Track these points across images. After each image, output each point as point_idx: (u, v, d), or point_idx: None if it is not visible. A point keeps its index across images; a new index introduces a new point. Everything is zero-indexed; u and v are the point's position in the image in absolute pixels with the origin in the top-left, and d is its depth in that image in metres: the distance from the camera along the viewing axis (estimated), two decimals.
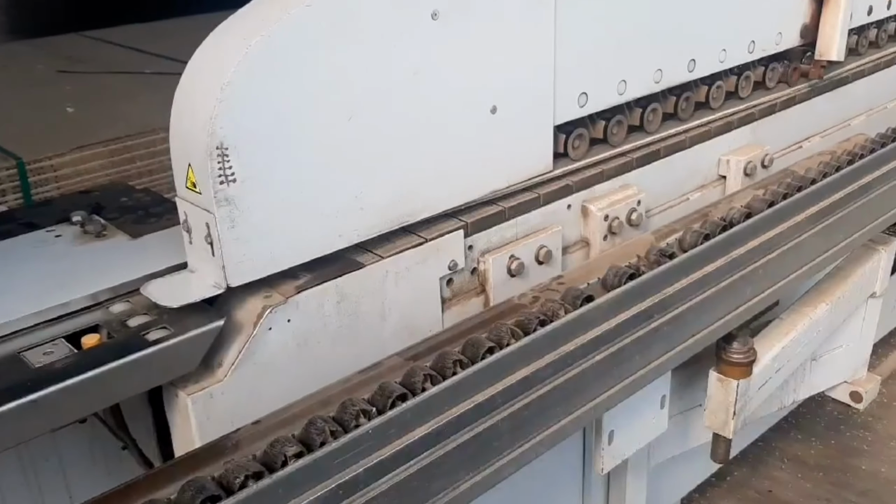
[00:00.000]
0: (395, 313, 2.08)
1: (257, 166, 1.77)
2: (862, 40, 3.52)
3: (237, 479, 1.36)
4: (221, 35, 1.80)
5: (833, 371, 3.11)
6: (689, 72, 2.72)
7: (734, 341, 2.35)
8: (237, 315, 1.85)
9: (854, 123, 3.52)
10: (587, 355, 1.85)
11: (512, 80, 2.21)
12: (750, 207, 2.29)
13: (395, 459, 1.51)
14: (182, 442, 1.85)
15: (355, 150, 1.93)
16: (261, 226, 1.80)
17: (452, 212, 2.22)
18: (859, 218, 2.63)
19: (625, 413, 2.23)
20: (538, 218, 2.39)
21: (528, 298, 2.00)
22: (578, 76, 2.38)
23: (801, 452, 4.12)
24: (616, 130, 2.59)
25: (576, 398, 1.85)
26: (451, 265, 2.18)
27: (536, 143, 2.35)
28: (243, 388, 1.82)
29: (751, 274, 2.21)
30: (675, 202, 2.83)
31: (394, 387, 1.53)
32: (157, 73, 5.35)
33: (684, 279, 2.03)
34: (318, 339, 1.93)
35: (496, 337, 1.70)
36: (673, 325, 2.04)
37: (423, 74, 2.00)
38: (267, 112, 1.75)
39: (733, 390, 2.38)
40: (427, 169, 2.09)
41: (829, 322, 2.77)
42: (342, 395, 1.60)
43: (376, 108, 1.94)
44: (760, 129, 3.02)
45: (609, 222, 2.52)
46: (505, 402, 1.68)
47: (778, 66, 3.09)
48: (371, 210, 2.00)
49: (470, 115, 2.15)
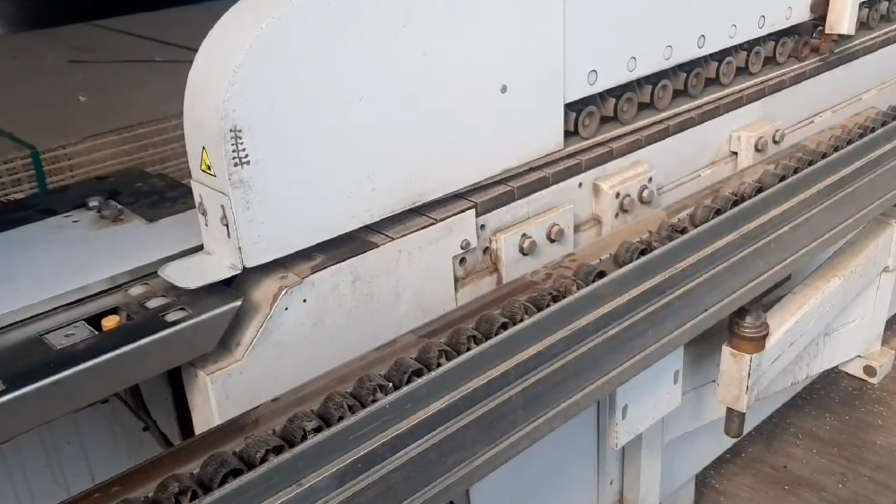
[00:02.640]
0: (409, 293, 2.10)
1: (270, 148, 1.79)
2: (873, 13, 3.49)
3: (258, 454, 1.39)
4: (233, 18, 1.82)
5: (846, 345, 3.11)
6: (699, 48, 2.71)
7: (747, 316, 2.36)
8: (254, 296, 1.87)
9: (866, 97, 3.51)
10: (599, 331, 1.87)
11: (521, 58, 2.21)
12: (761, 182, 2.29)
13: (411, 434, 1.54)
14: (202, 421, 1.89)
15: (366, 132, 1.94)
16: (275, 207, 1.82)
17: (464, 191, 2.23)
18: (871, 192, 2.62)
19: (638, 388, 2.25)
20: (550, 196, 2.40)
21: (540, 276, 2.02)
22: (588, 54, 2.38)
23: (816, 428, 4.12)
24: (626, 108, 2.59)
25: (589, 373, 1.87)
26: (464, 244, 2.20)
27: (547, 121, 2.36)
28: (261, 368, 1.85)
29: (762, 248, 2.22)
30: (687, 179, 2.83)
31: (409, 362, 1.55)
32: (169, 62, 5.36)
33: (696, 254, 2.04)
34: (333, 318, 1.95)
35: (509, 313, 1.72)
36: (685, 301, 2.06)
37: (433, 55, 2.01)
38: (279, 94, 1.77)
39: (746, 365, 2.40)
40: (438, 149, 2.11)
41: (841, 296, 2.77)
42: (359, 371, 1.62)
43: (386, 89, 1.95)
44: (771, 105, 3.01)
45: (620, 200, 2.53)
46: (519, 378, 1.70)
47: (788, 41, 3.07)
48: (383, 191, 2.02)
49: (480, 95, 2.16)
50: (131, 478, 1.47)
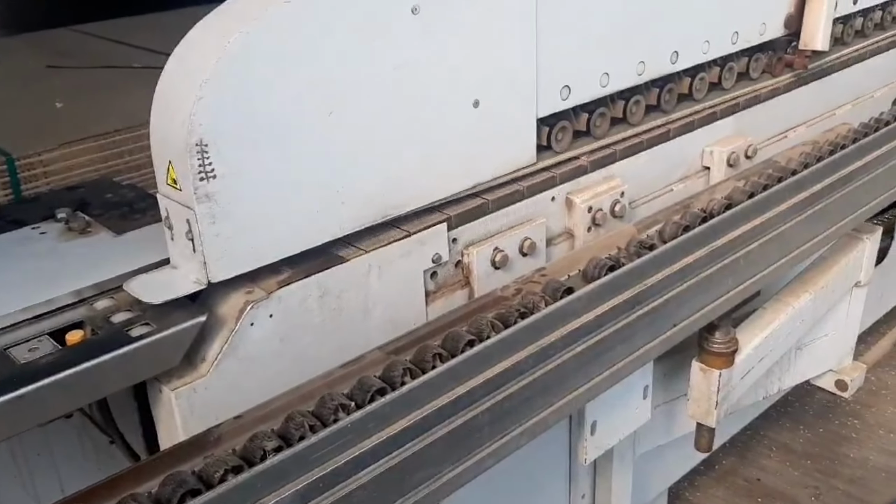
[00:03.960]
0: (379, 307, 2.10)
1: (237, 162, 1.78)
2: (847, 29, 3.53)
3: (217, 473, 1.37)
4: (201, 32, 1.81)
5: (818, 360, 3.13)
6: (672, 63, 2.72)
7: (716, 331, 2.37)
8: (219, 310, 1.86)
9: (840, 113, 3.54)
10: (568, 347, 1.87)
11: (494, 73, 2.21)
12: (730, 199, 2.30)
13: (374, 453, 1.53)
14: (167, 436, 1.87)
15: (337, 145, 1.94)
16: (242, 221, 1.81)
17: (436, 205, 2.23)
18: (842, 208, 2.64)
19: (607, 404, 2.25)
20: (522, 210, 2.41)
21: (510, 291, 2.02)
22: (561, 69, 2.39)
23: (790, 440, 4.15)
24: (599, 123, 2.60)
25: (557, 389, 1.87)
26: (435, 258, 2.20)
27: (520, 135, 2.36)
28: (226, 383, 1.84)
29: (731, 265, 2.23)
30: (660, 193, 2.84)
31: (373, 381, 1.54)
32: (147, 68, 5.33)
33: (664, 270, 2.05)
34: (300, 333, 1.94)
35: (476, 330, 1.72)
36: (654, 316, 2.06)
37: (404, 69, 2.01)
38: (246, 108, 1.76)
39: (715, 380, 2.40)
40: (410, 163, 2.10)
41: (812, 311, 2.79)
42: (323, 389, 1.61)
43: (357, 103, 1.94)
44: (744, 120, 3.03)
45: (593, 214, 2.54)
46: (485, 395, 1.70)
47: (762, 57, 3.09)
48: (353, 204, 2.01)
49: (452, 109, 2.16)
50: (91, 496, 1.45)
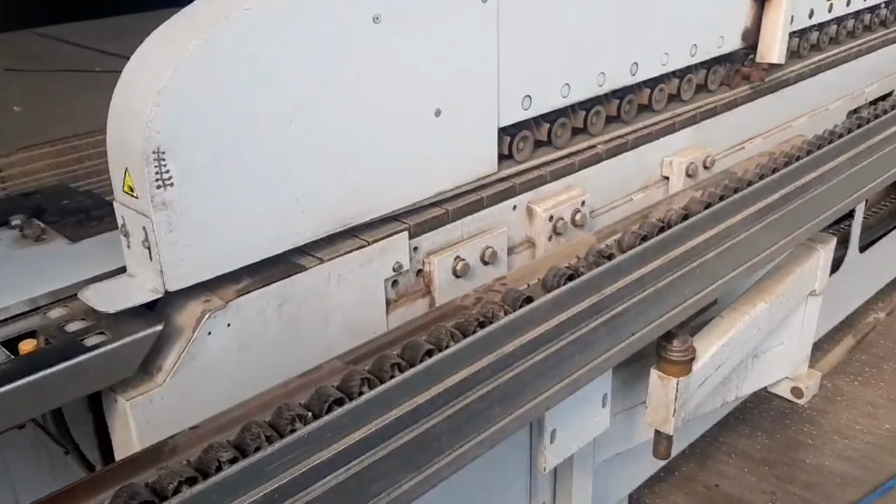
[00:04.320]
0: (339, 316, 2.09)
1: (195, 170, 1.76)
2: (803, 43, 3.60)
3: (170, 485, 1.36)
4: (159, 38, 1.79)
5: (774, 367, 3.18)
6: (632, 75, 2.76)
7: (674, 340, 2.40)
8: (177, 319, 1.84)
9: (796, 125, 3.61)
10: (527, 356, 1.88)
11: (455, 83, 2.22)
12: (687, 209, 2.34)
13: (332, 463, 1.52)
14: (122, 447, 1.85)
15: (297, 153, 1.93)
16: (199, 230, 1.80)
17: (397, 214, 2.23)
18: (796, 218, 2.69)
19: (566, 412, 2.26)
20: (484, 219, 2.42)
21: (470, 300, 2.03)
22: (522, 79, 2.41)
23: (748, 447, 4.21)
24: (560, 133, 2.62)
25: (516, 398, 1.88)
26: (396, 267, 2.20)
27: (481, 145, 2.38)
28: (183, 393, 1.82)
29: (688, 274, 2.26)
30: (620, 202, 2.88)
31: (330, 391, 1.54)
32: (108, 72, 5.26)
33: (622, 279, 2.07)
34: (259, 342, 1.93)
35: (435, 339, 1.72)
36: (612, 325, 2.08)
37: (366, 77, 2.01)
38: (205, 116, 1.75)
39: (673, 388, 2.43)
40: (371, 171, 2.10)
41: (768, 320, 2.84)
42: (280, 399, 1.60)
43: (318, 110, 1.94)
44: (703, 131, 3.07)
45: (554, 223, 2.56)
46: (445, 404, 1.70)
47: (720, 69, 3.15)
48: (313, 213, 2.01)
49: (414, 118, 2.16)
50: None
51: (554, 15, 2.43)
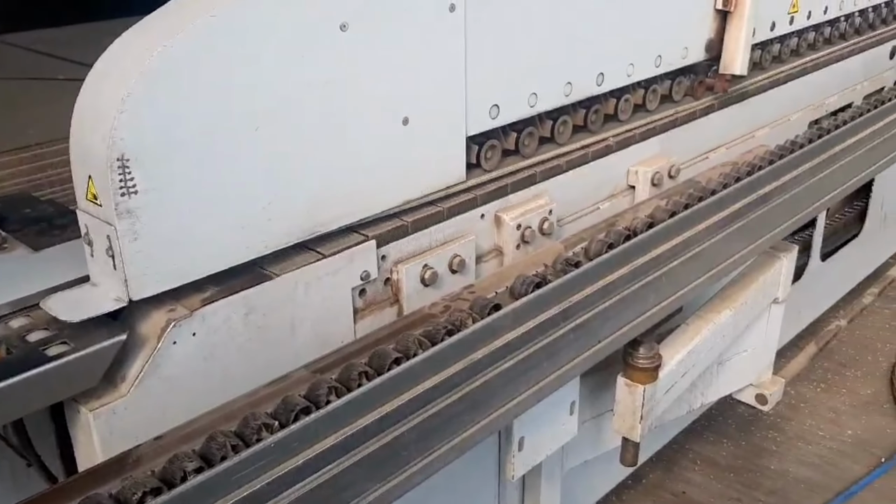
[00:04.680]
0: (306, 325, 2.08)
1: (160, 178, 1.75)
2: (765, 55, 3.66)
3: (135, 496, 1.34)
4: (123, 45, 1.78)
5: (739, 374, 3.22)
6: (598, 85, 2.79)
7: (640, 347, 2.42)
8: (141, 329, 1.82)
9: (758, 135, 3.67)
10: (495, 363, 1.89)
11: (423, 92, 2.23)
12: (652, 217, 2.36)
13: (300, 472, 1.51)
14: (85, 458, 1.82)
15: (263, 161, 1.92)
16: (164, 238, 1.78)
17: (365, 222, 2.23)
18: (759, 227, 2.73)
19: (534, 420, 2.27)
20: (452, 227, 2.42)
21: (438, 308, 2.03)
22: (490, 89, 2.42)
23: (714, 454, 4.24)
24: (528, 142, 2.64)
25: (484, 406, 1.88)
26: (364, 276, 2.19)
27: (449, 154, 2.38)
28: (148, 403, 1.80)
29: (654, 281, 2.28)
30: (587, 211, 2.90)
31: (297, 400, 1.53)
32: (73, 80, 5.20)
33: (589, 287, 2.09)
34: (224, 352, 1.91)
35: (403, 347, 1.72)
36: (579, 332, 2.10)
37: (333, 85, 2.01)
38: (170, 123, 1.73)
39: (640, 395, 2.45)
40: (338, 180, 2.10)
41: (733, 327, 2.87)
42: (246, 409, 1.59)
43: (285, 118, 1.93)
44: (667, 141, 3.11)
45: (521, 231, 2.57)
46: (412, 412, 1.70)
47: (684, 80, 3.19)
48: (280, 221, 2.00)
49: (382, 127, 2.17)
50: None
51: (521, 25, 2.45)
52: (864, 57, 4.35)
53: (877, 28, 4.46)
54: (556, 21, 2.56)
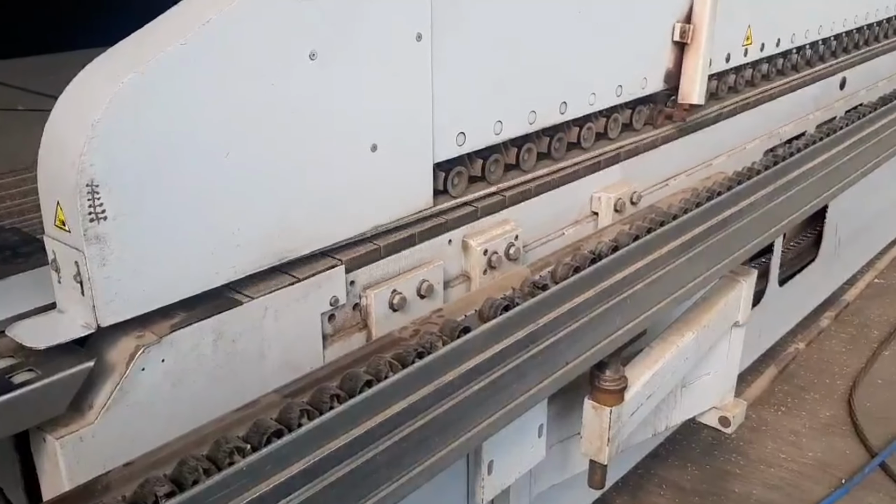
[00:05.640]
0: (275, 350, 2.08)
1: (130, 203, 1.75)
2: (722, 85, 3.77)
3: None
4: (94, 71, 1.78)
5: (702, 397, 3.27)
6: (562, 114, 2.85)
7: (606, 369, 2.46)
8: (109, 355, 1.81)
9: (717, 162, 3.76)
10: (465, 385, 1.90)
11: (391, 119, 2.26)
12: (616, 241, 2.41)
13: (271, 495, 1.51)
14: (51, 488, 1.79)
15: (233, 187, 1.93)
16: (133, 264, 1.78)
17: (334, 248, 2.24)
18: (719, 251, 2.80)
19: (503, 443, 2.29)
20: (420, 253, 2.45)
21: (408, 332, 2.04)
22: (456, 117, 2.47)
23: (679, 478, 4.28)
24: (493, 168, 2.68)
25: (454, 429, 1.89)
26: (333, 301, 2.20)
27: (417, 180, 2.42)
28: (116, 431, 1.78)
29: (619, 304, 2.33)
30: (553, 236, 2.95)
31: (269, 423, 1.53)
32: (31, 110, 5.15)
33: (556, 310, 2.12)
34: (193, 378, 1.91)
35: (374, 370, 1.73)
36: (547, 355, 2.12)
37: (303, 113, 2.04)
38: (139, 149, 1.74)
39: (607, 417, 2.48)
40: (307, 206, 2.12)
41: (695, 350, 2.92)
42: (217, 433, 1.58)
43: (254, 145, 1.95)
44: (629, 168, 3.18)
45: (488, 257, 2.61)
46: (383, 435, 1.70)
47: (644, 109, 3.27)
48: (250, 247, 2.01)
49: (350, 153, 2.19)
50: None
51: (487, 54, 2.50)
52: (817, 87, 4.49)
53: (827, 60, 4.62)
54: (521, 51, 2.62)
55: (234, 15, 1.84)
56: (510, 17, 2.55)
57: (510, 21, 2.55)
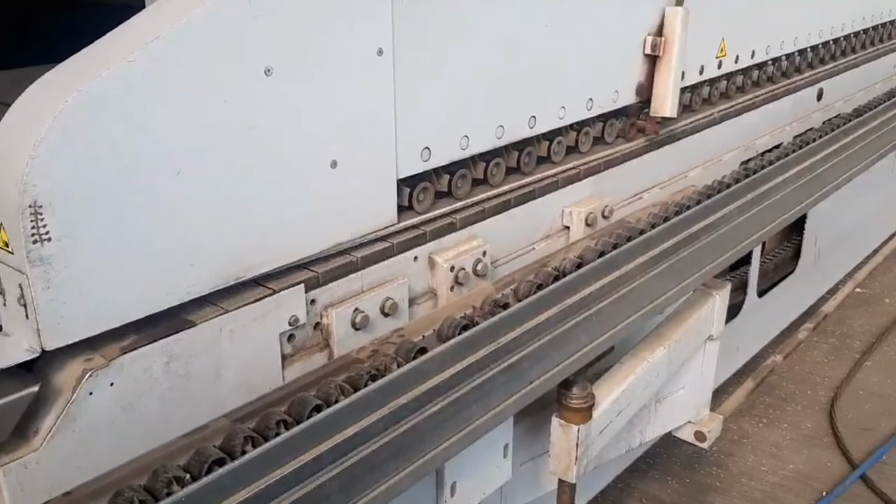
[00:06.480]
0: (232, 372, 2.04)
1: (75, 224, 1.71)
2: (696, 97, 3.75)
3: None
4: (38, 90, 1.75)
5: (677, 412, 3.24)
6: (530, 128, 2.82)
7: (573, 387, 2.43)
8: (55, 379, 1.76)
9: (691, 175, 3.74)
10: (421, 408, 1.87)
11: (352, 135, 2.23)
12: (581, 258, 2.38)
13: None
14: None
15: (185, 207, 1.89)
16: (79, 286, 1.74)
17: (294, 266, 2.20)
18: (688, 265, 2.77)
19: (467, 464, 2.25)
20: (384, 270, 2.41)
21: (365, 353, 2.01)
22: (420, 132, 2.43)
23: (659, 492, 4.25)
24: (461, 184, 2.65)
25: (410, 452, 1.86)
26: (292, 321, 2.16)
27: (379, 196, 2.38)
28: (62, 457, 1.73)
29: (584, 321, 2.29)
30: (523, 252, 2.91)
31: (211, 451, 1.49)
32: None
33: (518, 328, 2.09)
34: (145, 402, 1.86)
35: (324, 394, 1.69)
36: (509, 374, 2.09)
37: (258, 130, 2.00)
38: (85, 168, 1.70)
39: (574, 435, 2.45)
40: (264, 224, 2.08)
41: (667, 365, 2.89)
42: (160, 461, 1.54)
43: (207, 163, 1.91)
44: (601, 182, 3.15)
45: (455, 273, 2.57)
46: (335, 460, 1.67)
47: (616, 122, 3.25)
48: (203, 266, 1.96)
49: (309, 170, 2.15)
50: None
51: (452, 68, 2.47)
52: (793, 99, 4.48)
53: (803, 71, 4.62)
54: (487, 65, 2.59)
55: (184, 32, 1.81)
56: (476, 31, 2.52)
57: (476, 35, 2.52)
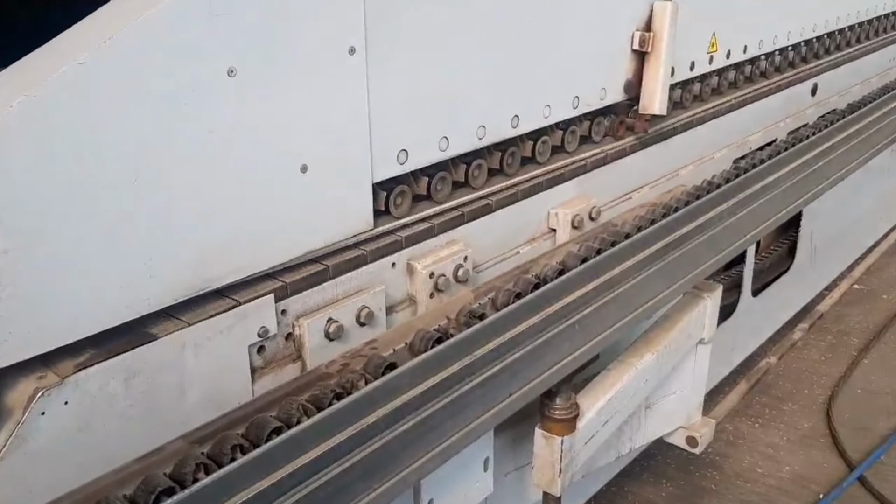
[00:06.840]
0: (197, 387, 1.95)
1: (24, 235, 1.62)
2: (686, 94, 3.66)
3: None
4: None
5: (668, 417, 3.15)
6: (514, 128, 2.73)
7: (556, 398, 2.34)
8: (5, 399, 1.68)
9: (683, 174, 3.65)
10: (392, 425, 1.78)
11: (323, 138, 2.14)
12: (564, 264, 2.29)
13: None
14: None
15: (143, 215, 1.80)
16: (29, 300, 1.65)
17: (263, 275, 2.11)
18: (676, 268, 2.68)
19: (445, 479, 2.16)
20: (360, 278, 2.32)
21: (335, 366, 1.92)
22: (396, 133, 2.34)
23: (654, 495, 4.17)
24: (440, 187, 2.56)
25: (380, 472, 1.77)
26: (262, 332, 2.07)
27: (353, 201, 2.29)
28: (12, 482, 1.65)
29: (566, 330, 2.21)
30: (507, 256, 2.82)
31: (159, 479, 1.40)
32: None
33: (495, 339, 2.00)
34: (102, 421, 1.78)
35: (285, 416, 1.60)
36: (486, 387, 2.00)
37: (220, 133, 1.91)
38: (34, 177, 1.61)
39: (558, 447, 2.36)
40: (230, 231, 1.99)
41: (657, 371, 2.81)
42: (111, 488, 1.46)
43: (166, 169, 1.82)
44: (588, 183, 3.06)
45: (435, 280, 2.48)
46: (295, 486, 1.58)
47: (604, 121, 3.15)
48: (165, 277, 1.88)
49: (276, 175, 2.06)
50: None
51: (428, 67, 2.38)
52: (787, 94, 4.39)
53: (797, 66, 4.52)
54: (467, 63, 2.49)
55: (139, 32, 1.71)
56: (454, 27, 2.43)
57: (454, 31, 2.43)
